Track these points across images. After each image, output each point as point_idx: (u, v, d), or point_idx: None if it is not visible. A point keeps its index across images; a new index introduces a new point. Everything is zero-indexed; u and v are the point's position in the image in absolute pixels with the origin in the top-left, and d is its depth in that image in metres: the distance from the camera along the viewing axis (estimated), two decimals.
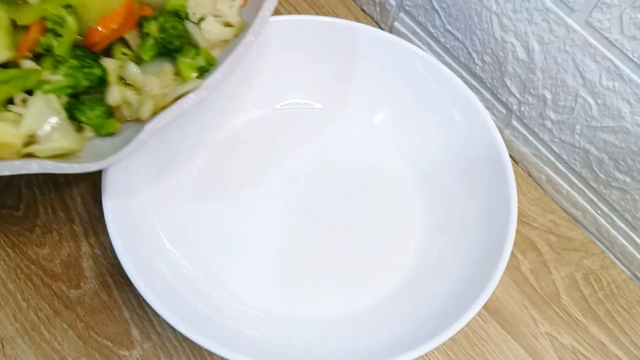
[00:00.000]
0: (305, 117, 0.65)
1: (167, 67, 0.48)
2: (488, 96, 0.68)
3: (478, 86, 0.68)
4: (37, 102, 0.44)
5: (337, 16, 0.74)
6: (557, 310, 0.60)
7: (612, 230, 0.63)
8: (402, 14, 0.72)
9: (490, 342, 0.58)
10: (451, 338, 0.48)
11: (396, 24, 0.73)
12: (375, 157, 0.63)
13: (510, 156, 0.60)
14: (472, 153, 0.59)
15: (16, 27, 0.45)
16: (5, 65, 0.45)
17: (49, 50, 0.45)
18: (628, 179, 0.58)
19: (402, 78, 0.62)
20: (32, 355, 0.53)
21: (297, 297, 0.56)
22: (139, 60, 0.48)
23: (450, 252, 0.57)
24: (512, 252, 0.52)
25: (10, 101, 0.45)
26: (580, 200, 0.65)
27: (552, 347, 0.58)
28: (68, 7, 0.45)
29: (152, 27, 0.47)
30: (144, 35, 0.48)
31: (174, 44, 0.47)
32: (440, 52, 0.70)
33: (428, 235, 0.60)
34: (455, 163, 0.61)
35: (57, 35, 0.45)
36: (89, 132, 0.47)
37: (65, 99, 0.46)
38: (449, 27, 0.66)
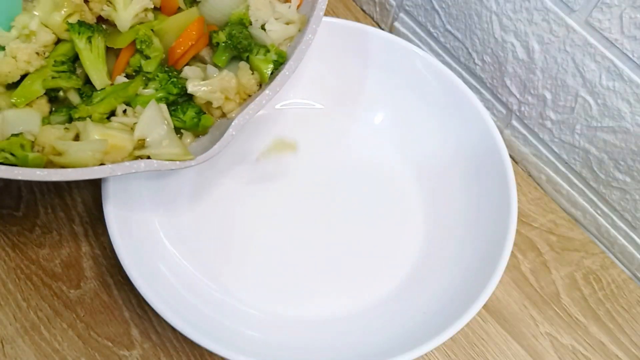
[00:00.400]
0: (305, 117, 0.65)
1: (242, 65, 0.51)
2: (488, 96, 0.68)
3: (478, 86, 0.68)
4: (150, 109, 0.48)
5: (337, 16, 0.74)
6: (557, 310, 0.60)
7: (612, 230, 0.63)
8: (402, 14, 0.72)
9: (490, 342, 0.58)
10: (451, 338, 0.48)
11: (396, 24, 0.73)
12: (375, 157, 0.63)
13: (510, 156, 0.61)
14: (472, 153, 0.59)
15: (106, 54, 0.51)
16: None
17: (137, 71, 0.50)
18: (628, 179, 0.58)
19: (402, 78, 0.62)
20: (32, 355, 0.53)
21: (297, 297, 0.56)
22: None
23: (450, 252, 0.57)
24: (512, 252, 0.52)
25: (112, 114, 0.49)
26: (580, 200, 0.65)
27: (552, 347, 0.58)
28: (151, 30, 0.50)
29: (221, 36, 0.51)
30: (214, 47, 0.52)
31: (243, 44, 0.51)
32: (440, 52, 0.70)
33: (428, 235, 0.60)
34: (455, 163, 0.61)
35: (144, 56, 0.50)
36: (187, 138, 0.51)
37: None
38: (449, 27, 0.66)
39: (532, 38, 0.58)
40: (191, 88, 0.50)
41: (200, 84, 0.50)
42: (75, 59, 0.49)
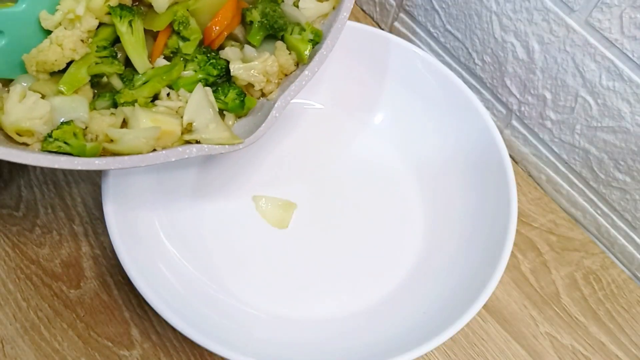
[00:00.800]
0: (305, 117, 0.65)
1: (280, 45, 0.51)
2: (488, 96, 0.68)
3: (478, 86, 0.68)
4: (197, 93, 0.48)
5: None
6: (557, 310, 0.60)
7: (612, 230, 0.63)
8: (402, 14, 0.72)
9: (490, 342, 0.58)
10: (451, 338, 0.48)
11: (396, 24, 0.73)
12: (375, 157, 0.63)
13: (510, 156, 0.60)
14: (472, 153, 0.59)
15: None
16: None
17: (175, 52, 0.50)
18: (628, 179, 0.58)
19: (402, 78, 0.62)
20: (32, 355, 0.53)
21: (298, 297, 0.56)
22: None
23: (450, 252, 0.57)
24: (512, 252, 0.52)
25: (155, 98, 0.49)
26: (580, 200, 0.65)
27: (552, 347, 0.58)
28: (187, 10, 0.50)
29: (255, 15, 0.51)
30: (248, 25, 0.52)
31: (279, 23, 0.51)
32: (440, 52, 0.70)
33: (428, 235, 0.60)
34: (455, 163, 0.61)
35: (182, 37, 0.49)
36: (229, 121, 0.51)
37: None
38: (449, 27, 0.66)
39: (532, 38, 0.58)
40: (234, 70, 0.50)
41: (243, 67, 0.50)
42: (114, 42, 0.49)
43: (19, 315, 0.55)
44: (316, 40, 0.51)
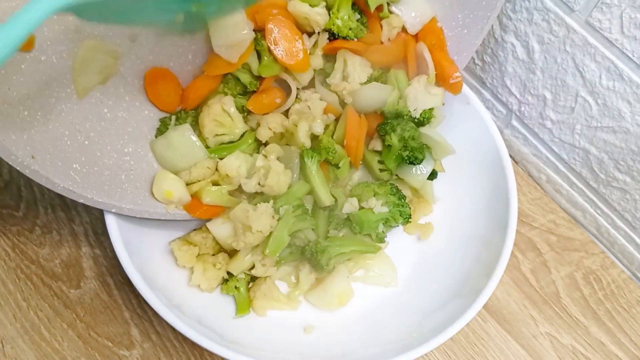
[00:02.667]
0: None
1: None
2: (488, 96, 0.68)
3: (478, 86, 0.68)
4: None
5: None
6: (557, 310, 0.60)
7: (612, 230, 0.63)
8: None
9: (490, 342, 0.58)
10: (451, 338, 0.48)
11: None
12: None
13: (510, 156, 0.60)
14: (472, 153, 0.59)
15: None
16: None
17: (335, 182, 0.55)
18: (628, 179, 0.58)
19: None
20: (32, 355, 0.53)
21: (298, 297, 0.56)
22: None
23: (450, 252, 0.57)
24: (512, 252, 0.52)
25: None
26: (580, 200, 0.65)
27: (552, 347, 0.58)
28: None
29: (393, 139, 0.52)
30: (385, 145, 0.53)
31: (418, 159, 0.51)
32: None
33: (428, 234, 0.59)
34: (455, 163, 0.60)
35: (335, 166, 0.53)
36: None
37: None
38: None
39: (532, 38, 0.58)
40: None
41: None
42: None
43: (19, 315, 0.55)
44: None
